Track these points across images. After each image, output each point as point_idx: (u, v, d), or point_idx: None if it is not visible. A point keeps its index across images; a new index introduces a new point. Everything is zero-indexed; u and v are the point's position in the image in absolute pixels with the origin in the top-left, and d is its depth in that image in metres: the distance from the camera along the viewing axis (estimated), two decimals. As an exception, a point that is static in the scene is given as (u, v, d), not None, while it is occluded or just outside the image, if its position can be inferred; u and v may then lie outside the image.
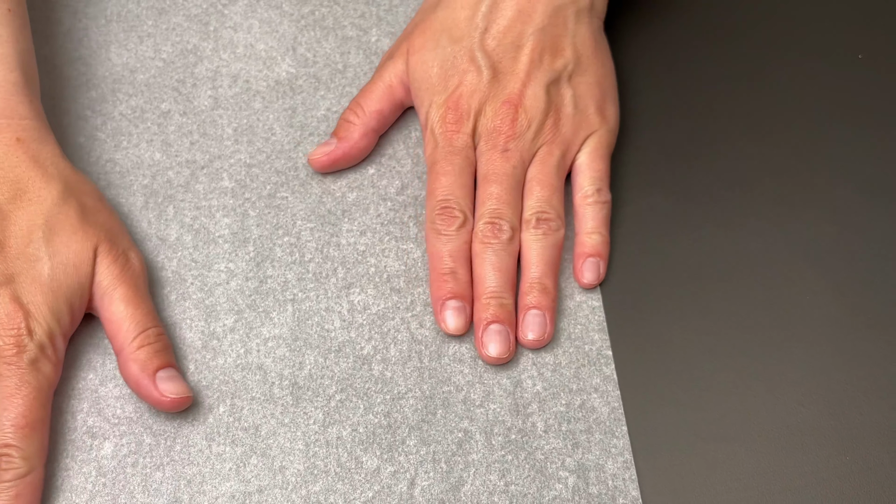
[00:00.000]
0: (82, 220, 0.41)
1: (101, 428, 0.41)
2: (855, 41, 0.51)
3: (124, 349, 0.40)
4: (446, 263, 0.43)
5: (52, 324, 0.39)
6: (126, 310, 0.41)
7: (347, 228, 0.46)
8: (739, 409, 0.42)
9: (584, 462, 0.40)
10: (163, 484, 0.40)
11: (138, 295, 0.41)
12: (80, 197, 0.42)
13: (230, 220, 0.46)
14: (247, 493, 0.40)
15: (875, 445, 0.41)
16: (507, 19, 0.45)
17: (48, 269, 0.40)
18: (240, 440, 0.41)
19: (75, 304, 0.40)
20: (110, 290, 0.41)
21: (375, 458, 0.40)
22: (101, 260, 0.41)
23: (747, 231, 0.46)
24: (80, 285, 0.40)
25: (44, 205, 0.41)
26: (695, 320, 0.44)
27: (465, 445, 0.41)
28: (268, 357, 0.43)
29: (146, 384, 0.40)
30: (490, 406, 0.42)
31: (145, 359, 0.40)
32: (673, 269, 0.45)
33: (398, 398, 0.42)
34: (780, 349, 0.43)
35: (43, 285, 0.39)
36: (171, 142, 0.48)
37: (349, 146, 0.46)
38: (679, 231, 0.46)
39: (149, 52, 0.50)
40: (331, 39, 0.51)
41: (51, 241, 0.40)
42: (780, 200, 0.47)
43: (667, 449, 0.41)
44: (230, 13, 0.52)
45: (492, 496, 0.40)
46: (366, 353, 0.43)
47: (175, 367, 0.41)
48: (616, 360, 0.43)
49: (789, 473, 0.40)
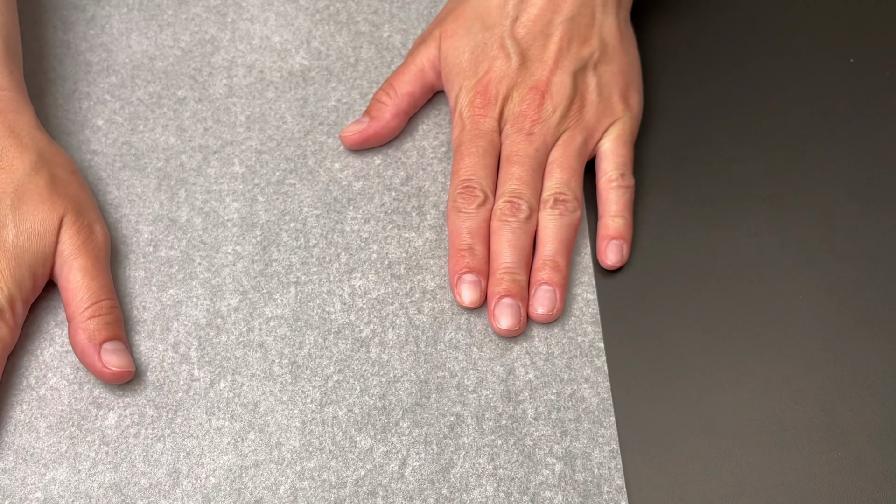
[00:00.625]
0: (51, 191, 0.42)
1: (107, 399, 0.42)
2: (846, 46, 0.52)
3: (75, 317, 0.42)
4: (464, 239, 0.45)
5: (12, 289, 0.41)
6: (83, 280, 0.42)
7: (352, 216, 0.47)
8: (730, 404, 0.42)
9: (572, 450, 0.41)
10: (163, 455, 0.41)
11: (97, 267, 0.43)
12: (52, 168, 0.43)
13: (239, 205, 0.47)
14: (243, 466, 0.41)
15: (866, 441, 0.41)
16: (537, 8, 0.47)
17: (13, 236, 0.41)
18: (239, 415, 0.42)
19: (38, 272, 0.42)
20: (70, 260, 0.42)
21: (369, 438, 0.42)
22: (65, 230, 0.42)
23: (742, 231, 0.47)
24: (44, 253, 0.42)
25: (15, 174, 0.42)
26: (689, 317, 0.45)
27: (456, 429, 0.42)
28: (269, 336, 0.44)
29: (91, 354, 0.41)
30: (483, 392, 0.43)
31: (94, 329, 0.41)
32: (668, 266, 0.46)
33: (394, 381, 0.43)
34: (773, 346, 0.44)
35: (7, 251, 0.41)
36: (185, 127, 0.49)
37: (381, 125, 0.48)
38: (675, 231, 0.47)
39: (168, 40, 0.52)
40: (344, 34, 0.52)
41: (18, 209, 0.42)
42: (774, 202, 0.48)
43: (654, 441, 0.42)
44: (248, 5, 0.53)
45: (480, 479, 0.41)
46: (364, 335, 0.44)
47: (123, 341, 0.42)
48: (608, 353, 0.44)
49: (782, 469, 0.41)
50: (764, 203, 0.47)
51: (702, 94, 0.51)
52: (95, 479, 0.40)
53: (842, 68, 0.52)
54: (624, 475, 0.41)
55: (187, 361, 0.43)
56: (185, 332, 0.44)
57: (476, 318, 0.44)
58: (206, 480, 0.40)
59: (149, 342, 0.43)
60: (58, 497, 0.40)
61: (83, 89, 0.50)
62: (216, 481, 0.40)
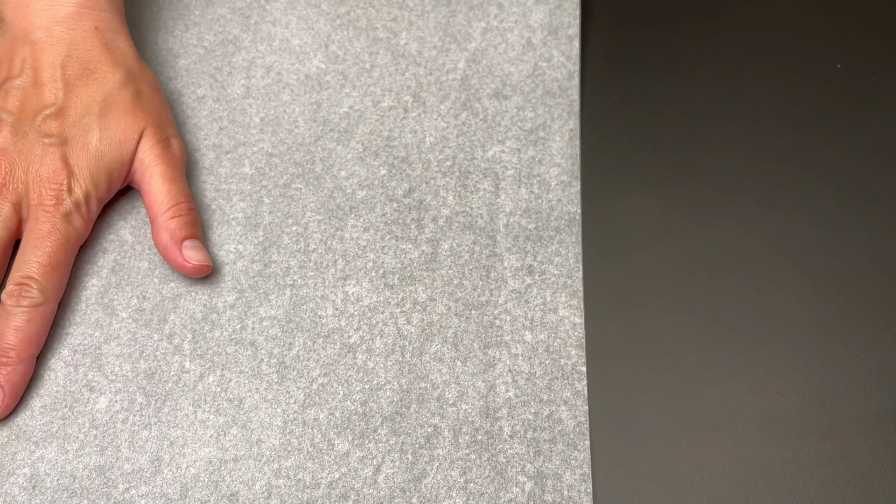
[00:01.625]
0: (135, 105, 0.47)
1: (99, 383, 0.44)
2: (834, 52, 0.54)
3: (157, 218, 0.46)
4: None
5: (90, 187, 0.45)
6: (163, 185, 0.46)
7: (353, 224, 0.48)
8: (711, 432, 0.43)
9: (544, 470, 0.42)
10: (148, 442, 0.43)
11: (175, 174, 0.47)
12: (138, 84, 0.48)
13: (245, 205, 0.49)
14: (223, 460, 0.42)
15: (853, 434, 0.43)
16: None
17: (96, 140, 0.46)
18: (224, 410, 0.43)
19: (114, 175, 0.46)
20: (151, 167, 0.47)
21: (347, 443, 0.43)
22: (145, 141, 0.47)
23: (733, 232, 0.48)
24: (122, 160, 0.46)
25: (106, 86, 0.47)
26: (674, 336, 0.45)
27: (432, 440, 0.43)
28: (261, 335, 0.45)
29: (173, 250, 0.45)
30: (462, 406, 0.43)
31: (175, 228, 0.46)
32: (657, 271, 0.47)
33: (376, 388, 0.44)
34: (764, 344, 0.45)
35: (89, 153, 0.45)
36: (201, 125, 0.51)
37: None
38: (666, 233, 0.48)
39: (192, 39, 0.54)
40: (362, 39, 0.53)
41: (104, 117, 0.46)
42: (763, 202, 0.49)
43: (625, 468, 0.42)
44: (271, 8, 0.54)
45: (450, 491, 0.41)
46: (352, 342, 0.45)
47: (200, 240, 0.46)
48: (589, 377, 0.44)
49: (771, 461, 0.42)
50: (753, 204, 0.49)
51: (692, 98, 0.53)
52: (81, 460, 0.42)
53: (830, 73, 0.53)
54: (593, 499, 0.41)
55: (180, 353, 0.45)
56: (180, 325, 0.45)
57: (463, 332, 0.45)
58: (186, 470, 0.42)
59: (145, 331, 0.45)
60: (44, 474, 0.42)
61: (109, 82, 0.52)
62: (195, 472, 0.42)
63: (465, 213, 0.48)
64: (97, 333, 0.45)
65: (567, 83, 0.52)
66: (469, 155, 0.50)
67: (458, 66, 0.53)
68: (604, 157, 0.50)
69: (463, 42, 0.53)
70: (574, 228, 0.48)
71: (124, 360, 0.44)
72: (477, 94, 0.52)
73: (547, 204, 0.48)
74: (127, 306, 0.46)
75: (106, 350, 0.45)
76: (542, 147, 0.50)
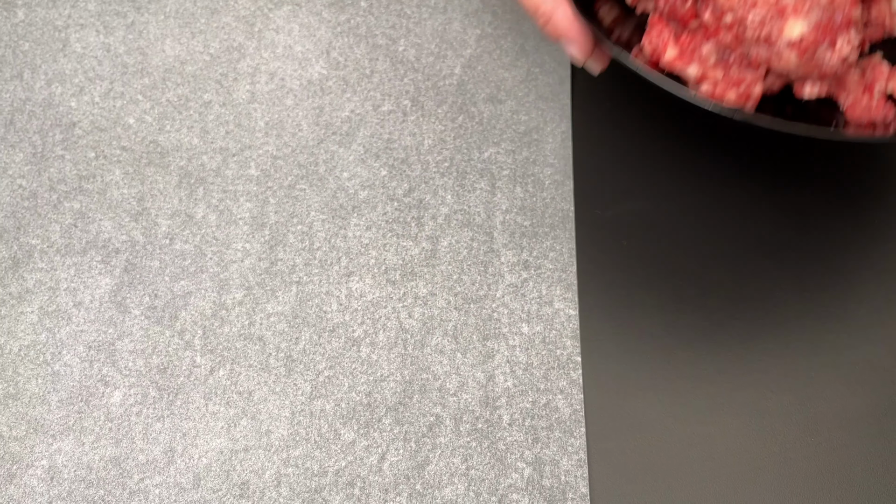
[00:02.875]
0: None
1: (114, 378, 0.46)
2: None
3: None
4: None
5: None
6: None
7: (355, 223, 0.50)
8: (702, 419, 0.44)
9: (542, 456, 0.44)
10: (161, 434, 0.44)
11: None
12: None
13: (252, 205, 0.50)
14: (234, 450, 0.44)
15: (837, 428, 0.45)
16: None
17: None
18: (234, 402, 0.45)
19: None
20: None
21: (352, 432, 0.44)
22: None
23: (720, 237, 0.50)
24: None
25: None
26: (666, 332, 0.47)
27: (434, 429, 0.44)
28: (268, 330, 0.47)
29: None
30: (462, 396, 0.45)
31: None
32: (647, 267, 0.48)
33: (380, 380, 0.46)
34: (751, 341, 0.47)
35: None
36: (208, 129, 0.53)
37: None
38: (657, 231, 0.50)
39: (199, 46, 0.55)
40: (362, 46, 0.55)
41: None
42: (752, 200, 0.51)
43: (619, 454, 0.44)
44: (275, 16, 0.56)
45: (453, 477, 0.43)
46: (356, 335, 0.47)
47: None
48: (584, 367, 0.46)
49: (758, 454, 0.44)
50: (743, 204, 0.50)
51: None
52: (97, 451, 0.44)
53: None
54: (589, 484, 0.43)
55: (191, 348, 0.46)
56: (191, 321, 0.47)
57: (463, 325, 0.47)
58: (198, 460, 0.44)
59: (157, 328, 0.47)
60: (61, 466, 0.43)
61: (118, 89, 0.54)
62: (208, 462, 0.44)
63: (463, 211, 0.50)
64: (111, 330, 0.47)
65: (559, 88, 0.54)
66: (466, 156, 0.52)
67: (455, 72, 0.55)
68: (595, 158, 0.52)
69: (459, 48, 0.55)
70: (568, 225, 0.50)
71: (137, 356, 0.46)
72: (473, 99, 0.54)
73: (541, 202, 0.50)
74: (139, 304, 0.47)
75: (120, 346, 0.46)
76: (535, 148, 0.52)
